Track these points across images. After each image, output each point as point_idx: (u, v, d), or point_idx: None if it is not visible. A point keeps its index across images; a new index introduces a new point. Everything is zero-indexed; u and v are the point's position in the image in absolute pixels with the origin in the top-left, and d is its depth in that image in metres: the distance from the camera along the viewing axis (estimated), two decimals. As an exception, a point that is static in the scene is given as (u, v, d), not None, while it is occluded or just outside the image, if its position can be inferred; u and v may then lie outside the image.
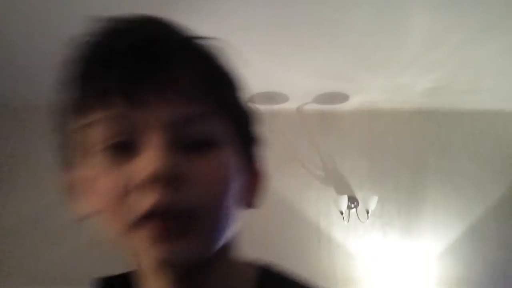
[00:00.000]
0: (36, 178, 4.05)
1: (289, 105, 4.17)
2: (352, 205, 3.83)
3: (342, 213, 3.70)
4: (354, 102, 4.08)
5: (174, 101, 0.46)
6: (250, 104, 0.61)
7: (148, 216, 0.44)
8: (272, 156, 4.00)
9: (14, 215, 3.92)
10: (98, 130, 0.46)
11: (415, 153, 4.04)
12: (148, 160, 0.43)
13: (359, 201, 3.85)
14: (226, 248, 0.55)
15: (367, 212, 3.69)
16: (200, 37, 0.58)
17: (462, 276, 3.67)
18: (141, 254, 0.49)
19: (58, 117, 0.53)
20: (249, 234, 3.81)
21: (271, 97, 3.99)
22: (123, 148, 0.46)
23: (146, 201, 0.43)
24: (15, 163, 4.11)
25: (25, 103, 4.29)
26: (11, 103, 4.28)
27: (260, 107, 4.22)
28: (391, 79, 3.61)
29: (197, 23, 2.48)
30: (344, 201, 3.66)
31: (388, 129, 4.14)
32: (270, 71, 3.50)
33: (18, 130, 4.24)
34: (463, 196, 3.86)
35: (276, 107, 4.19)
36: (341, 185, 3.95)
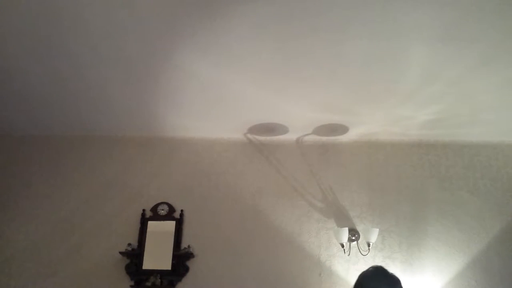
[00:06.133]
0: (34, 208, 4.04)
1: (289, 136, 4.20)
2: (353, 238, 3.79)
3: (343, 246, 3.66)
4: (354, 134, 4.11)
5: None
6: None
7: None
8: (273, 187, 4.04)
9: (11, 245, 3.89)
10: None
11: (415, 185, 4.03)
12: None
13: (360, 233, 3.82)
14: None
15: (368, 245, 3.65)
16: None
17: (466, 312, 3.61)
18: None
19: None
20: (250, 267, 3.81)
21: (271, 128, 4.02)
22: None
23: None
24: (13, 193, 4.10)
25: (24, 134, 4.32)
26: (10, 133, 4.31)
27: (260, 138, 4.30)
28: (391, 111, 3.64)
29: (199, 56, 2.55)
30: (345, 234, 3.63)
31: (388, 161, 4.14)
32: (270, 103, 3.53)
33: (16, 160, 4.26)
34: (464, 229, 3.83)
35: (276, 138, 4.21)
36: (341, 217, 3.92)
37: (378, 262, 3.71)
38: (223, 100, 3.53)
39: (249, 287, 3.69)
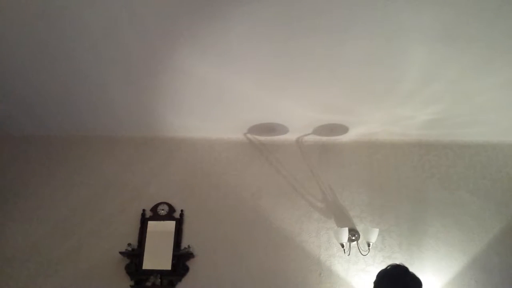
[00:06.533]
0: (34, 208, 4.04)
1: (289, 136, 4.20)
2: (353, 238, 3.79)
3: (343, 246, 3.66)
4: (354, 134, 4.11)
5: None
6: None
7: None
8: (273, 187, 4.03)
9: (11, 245, 3.89)
10: None
11: (415, 185, 4.03)
12: None
13: (360, 233, 3.82)
14: None
15: (368, 245, 3.65)
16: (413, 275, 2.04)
17: (466, 312, 3.62)
18: None
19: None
20: (250, 267, 3.80)
21: (271, 128, 4.02)
22: None
23: None
24: (13, 193, 4.10)
25: (24, 134, 4.32)
26: (10, 133, 4.31)
27: (260, 138, 4.30)
28: (391, 111, 3.64)
29: (199, 56, 2.56)
30: (345, 234, 3.63)
31: (388, 161, 4.14)
32: (270, 103, 3.53)
33: (16, 160, 4.26)
34: (464, 229, 3.83)
35: (276, 138, 4.21)
36: (341, 217, 3.92)
37: (378, 262, 3.71)
38: (223, 100, 3.53)
39: (249, 287, 3.69)
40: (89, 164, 4.22)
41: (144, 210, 3.97)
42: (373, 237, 3.61)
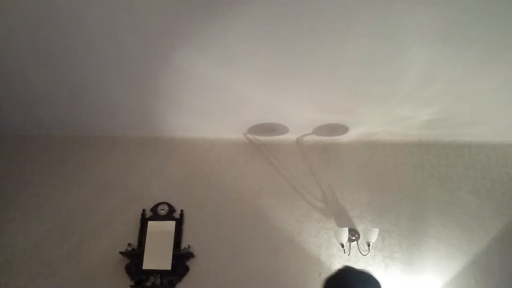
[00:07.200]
0: (34, 208, 4.04)
1: (289, 136, 4.20)
2: (353, 238, 3.79)
3: (343, 246, 3.66)
4: (354, 134, 4.11)
5: None
6: None
7: None
8: (273, 187, 4.03)
9: (11, 245, 3.89)
10: None
11: (415, 185, 4.03)
12: None
13: (360, 233, 3.82)
14: None
15: (368, 245, 3.65)
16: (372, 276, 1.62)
17: (466, 312, 3.61)
18: None
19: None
20: (250, 267, 3.80)
21: (271, 128, 4.02)
22: None
23: None
24: (13, 193, 4.10)
25: (24, 134, 4.32)
26: (10, 133, 4.30)
27: (260, 138, 4.29)
28: (391, 111, 3.64)
29: (199, 56, 2.56)
30: (345, 233, 3.63)
31: (388, 161, 4.14)
32: (270, 103, 3.53)
33: (15, 160, 4.26)
34: (465, 229, 3.83)
35: (276, 138, 4.21)
36: (341, 217, 3.92)
37: (378, 262, 3.71)
38: (223, 100, 3.53)
39: (249, 287, 3.69)
40: (89, 164, 4.22)
41: (144, 210, 3.97)
42: (373, 237, 3.61)
